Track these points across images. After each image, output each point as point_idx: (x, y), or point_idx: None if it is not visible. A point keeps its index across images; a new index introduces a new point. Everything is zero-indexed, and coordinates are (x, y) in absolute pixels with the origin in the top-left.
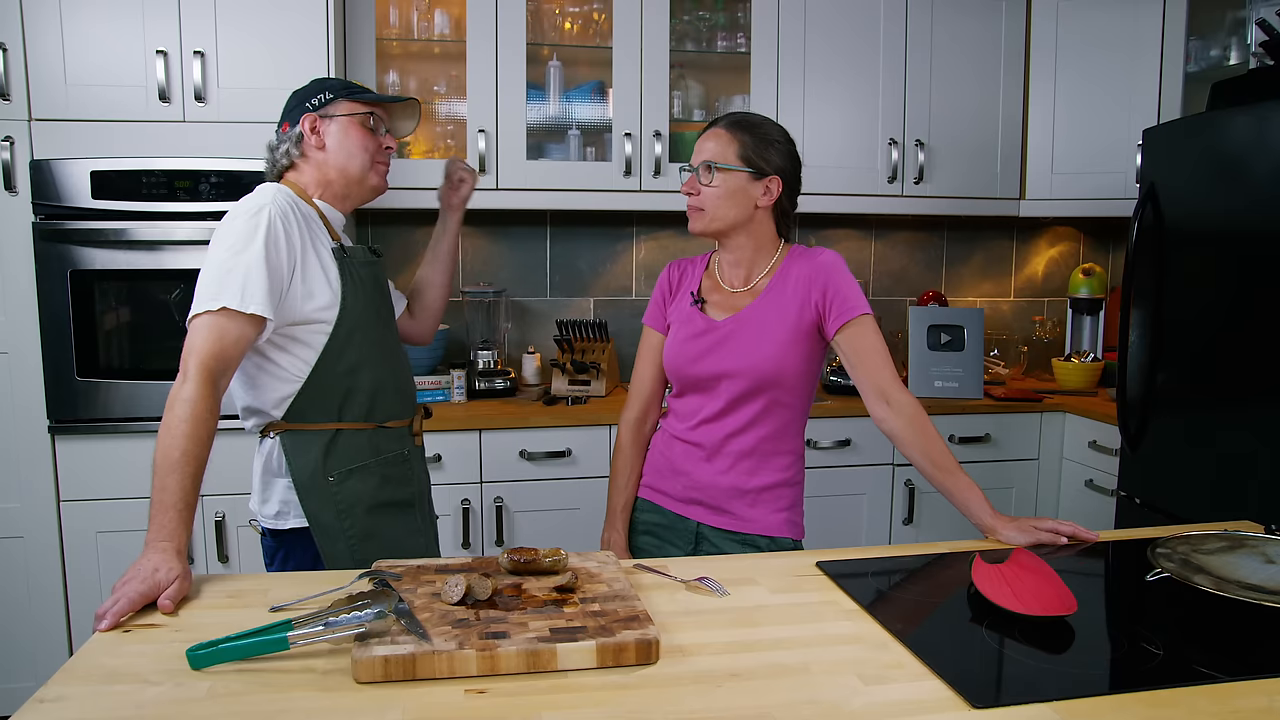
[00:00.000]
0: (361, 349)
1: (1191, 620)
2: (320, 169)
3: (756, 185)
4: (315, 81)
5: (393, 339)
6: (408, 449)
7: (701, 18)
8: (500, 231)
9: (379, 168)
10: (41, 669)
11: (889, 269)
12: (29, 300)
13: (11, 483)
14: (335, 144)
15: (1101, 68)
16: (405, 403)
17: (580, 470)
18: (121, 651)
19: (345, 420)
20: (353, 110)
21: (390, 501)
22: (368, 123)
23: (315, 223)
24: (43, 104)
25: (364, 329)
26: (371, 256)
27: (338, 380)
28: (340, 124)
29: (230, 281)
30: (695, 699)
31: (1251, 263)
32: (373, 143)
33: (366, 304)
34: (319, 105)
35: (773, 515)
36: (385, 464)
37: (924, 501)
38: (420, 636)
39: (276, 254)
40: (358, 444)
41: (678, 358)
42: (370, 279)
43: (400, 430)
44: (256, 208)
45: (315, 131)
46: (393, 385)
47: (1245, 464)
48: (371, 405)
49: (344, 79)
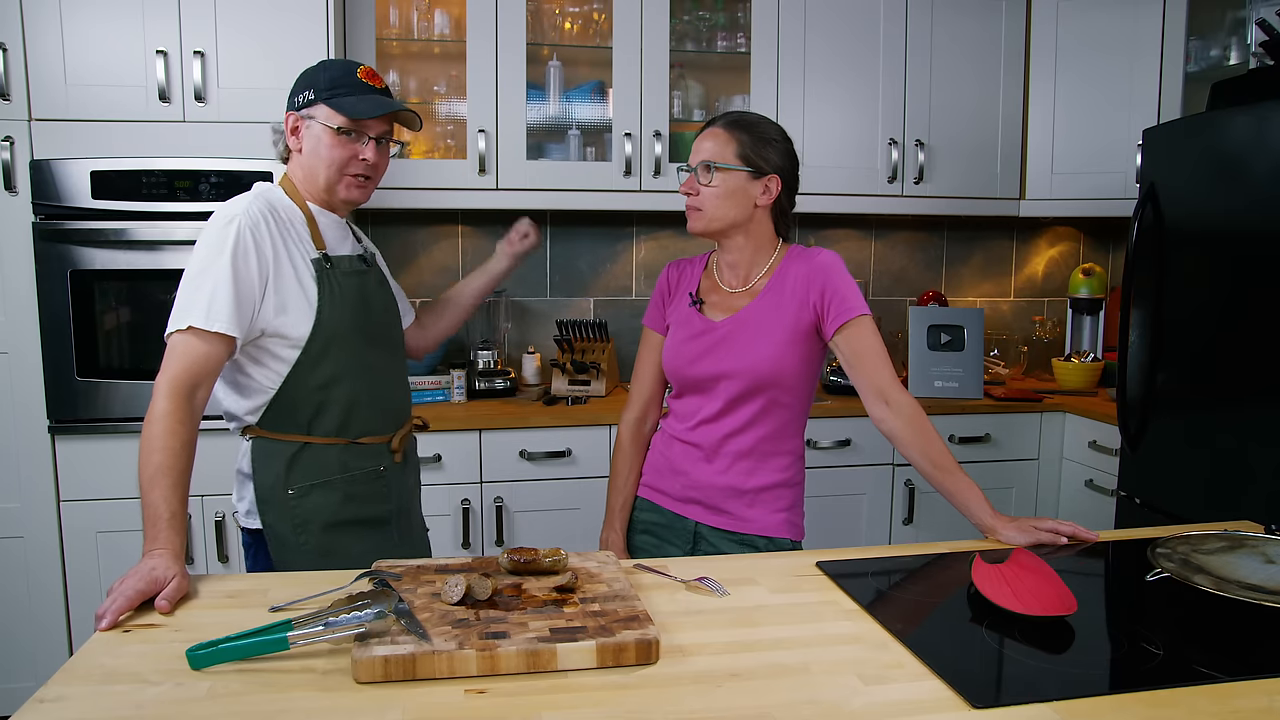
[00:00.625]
0: (337, 363)
1: (1191, 620)
2: (303, 169)
3: (756, 184)
4: (311, 70)
5: (380, 352)
6: (384, 465)
7: (701, 18)
8: (500, 231)
9: (352, 180)
10: (41, 669)
11: (889, 269)
12: (29, 300)
13: (11, 483)
14: (309, 150)
15: (1101, 68)
16: (386, 418)
17: (580, 470)
18: (121, 651)
19: (315, 434)
20: (328, 120)
21: (355, 519)
22: (343, 133)
23: (296, 228)
24: (43, 104)
25: (341, 343)
26: (359, 266)
27: (309, 394)
28: (315, 130)
29: (198, 299)
30: (695, 699)
31: (1251, 263)
32: (343, 155)
33: (345, 318)
34: (299, 105)
35: (771, 515)
36: (353, 481)
37: (924, 501)
38: (420, 636)
39: (246, 267)
40: (325, 459)
41: (676, 359)
42: (354, 290)
43: (377, 446)
44: (228, 218)
45: (295, 132)
46: (371, 400)
47: (1245, 464)
48: (345, 420)
49: (340, 73)
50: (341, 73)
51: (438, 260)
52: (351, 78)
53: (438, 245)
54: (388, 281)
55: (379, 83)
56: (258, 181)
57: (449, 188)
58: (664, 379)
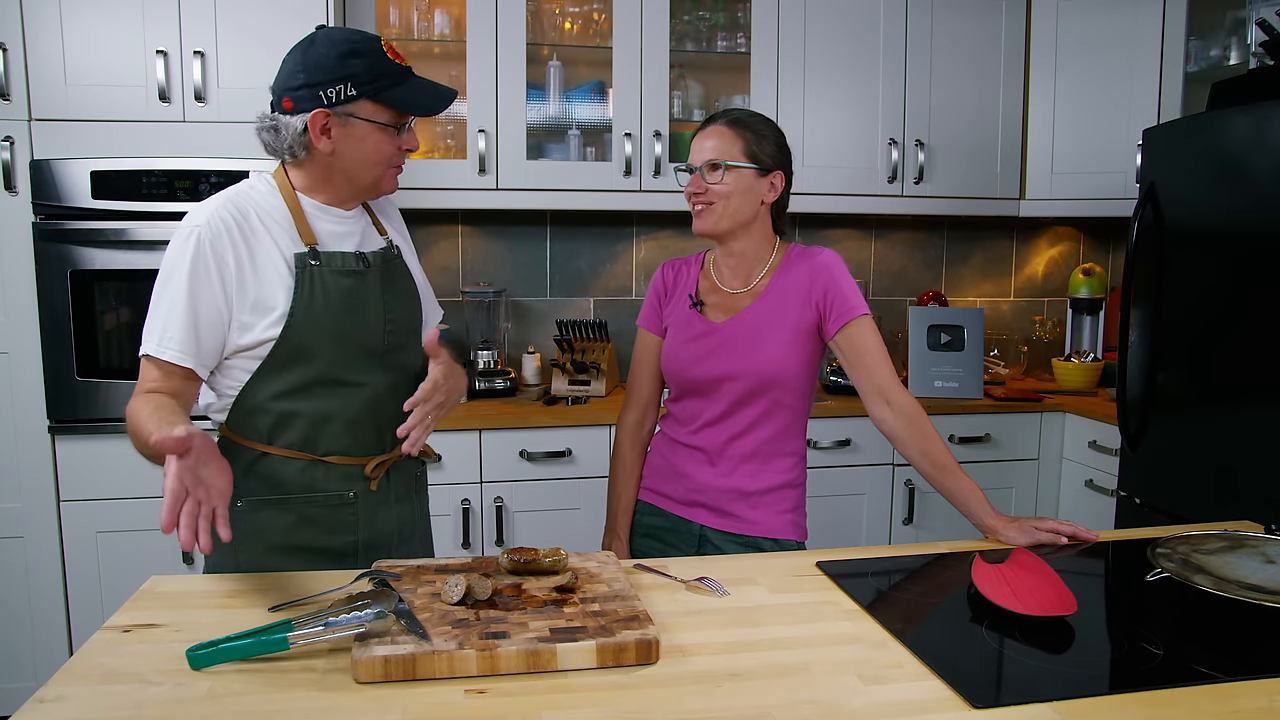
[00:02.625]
0: (307, 372)
1: (1191, 620)
2: (324, 170)
3: (763, 181)
4: (331, 56)
5: (369, 364)
6: (355, 491)
7: (701, 18)
8: (500, 231)
9: (393, 172)
10: (41, 669)
11: (889, 269)
12: (29, 300)
13: (11, 483)
14: (349, 150)
15: (1101, 68)
16: (366, 439)
17: (580, 470)
18: (121, 651)
19: (277, 445)
20: (376, 116)
21: (310, 547)
22: (391, 128)
23: (274, 226)
24: (43, 104)
25: (314, 350)
26: (355, 265)
27: (270, 401)
28: (360, 129)
29: (154, 323)
30: (695, 699)
31: (1251, 263)
32: (392, 149)
33: (323, 323)
34: (335, 99)
35: (776, 517)
36: (312, 504)
37: (924, 501)
38: (420, 636)
39: (207, 287)
40: (285, 474)
41: (678, 361)
42: (340, 294)
43: (349, 469)
44: (188, 230)
45: (327, 132)
46: (346, 417)
47: (1245, 464)
48: (311, 435)
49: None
50: (375, 58)
51: (438, 260)
52: (388, 63)
53: (438, 245)
54: (402, 284)
55: (402, 59)
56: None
57: (449, 188)
58: (661, 381)
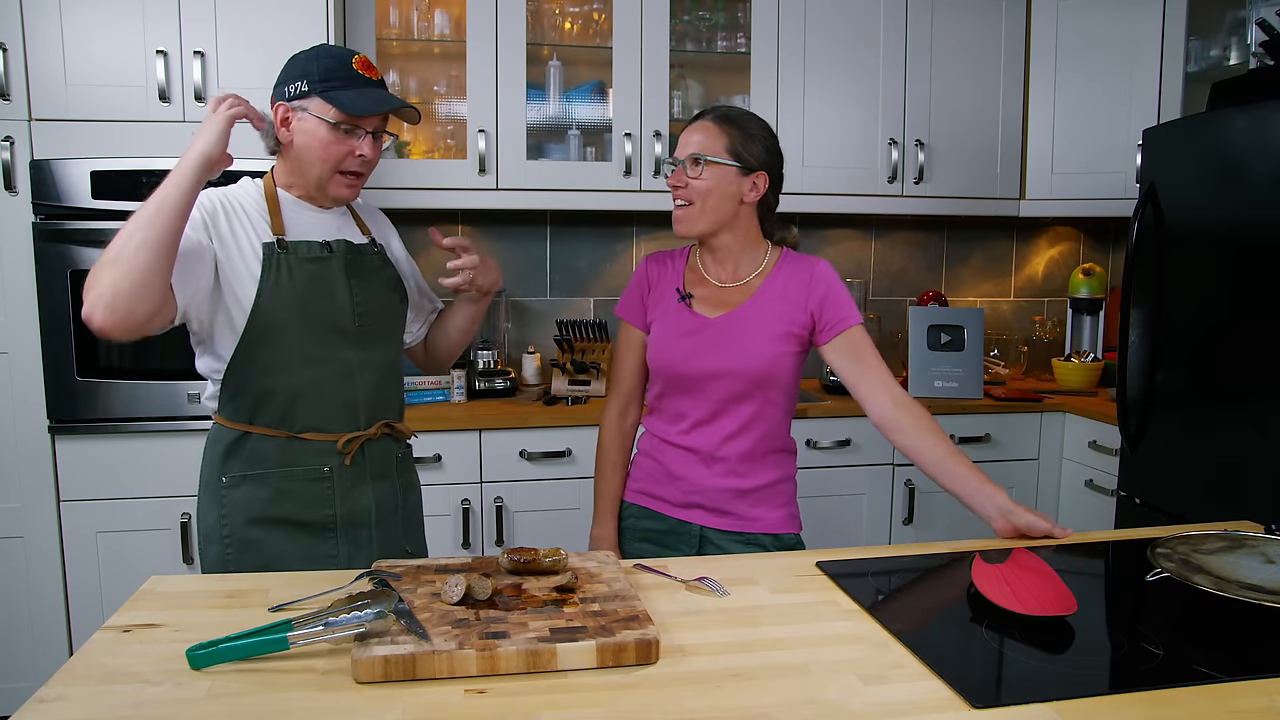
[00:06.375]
0: (280, 351)
1: (1191, 620)
2: (294, 162)
3: (744, 180)
4: (304, 58)
5: (339, 344)
6: (330, 466)
7: (701, 18)
8: (500, 231)
9: (342, 179)
10: (41, 669)
11: (889, 269)
12: (29, 300)
13: (11, 483)
14: (302, 143)
15: (1101, 68)
16: (339, 416)
17: (580, 470)
18: (121, 651)
19: (258, 424)
20: (322, 114)
21: (288, 519)
22: (339, 128)
23: (250, 213)
24: (43, 104)
25: (283, 331)
26: (319, 252)
27: (250, 382)
28: (310, 123)
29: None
30: (695, 699)
31: (1251, 263)
32: (339, 151)
33: (289, 305)
34: (291, 95)
35: (774, 512)
36: (289, 477)
37: (924, 501)
38: (420, 636)
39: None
40: (263, 451)
41: (668, 355)
42: (305, 277)
43: (323, 445)
44: None
45: (285, 123)
46: (318, 394)
47: (1245, 464)
48: (287, 412)
49: (335, 63)
50: (337, 63)
51: (437, 260)
52: (348, 69)
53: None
54: (377, 274)
55: (375, 74)
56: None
57: (449, 188)
58: (645, 373)
